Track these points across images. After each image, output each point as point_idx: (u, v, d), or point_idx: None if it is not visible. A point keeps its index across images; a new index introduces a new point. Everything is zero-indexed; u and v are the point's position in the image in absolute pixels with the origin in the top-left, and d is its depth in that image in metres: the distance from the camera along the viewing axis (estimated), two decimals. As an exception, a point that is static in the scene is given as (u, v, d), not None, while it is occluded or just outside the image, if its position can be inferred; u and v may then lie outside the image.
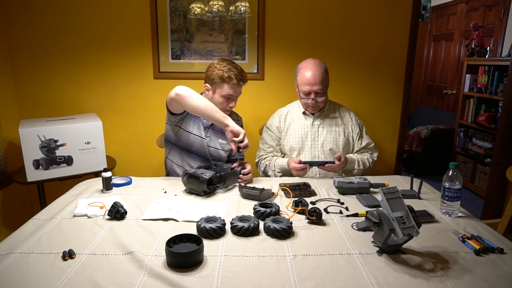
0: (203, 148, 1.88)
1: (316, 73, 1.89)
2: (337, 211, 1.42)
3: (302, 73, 1.93)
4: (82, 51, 2.50)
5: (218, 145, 1.94)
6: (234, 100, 1.88)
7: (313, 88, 1.90)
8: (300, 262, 1.06)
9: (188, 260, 1.03)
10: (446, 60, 4.90)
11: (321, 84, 1.90)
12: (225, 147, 1.95)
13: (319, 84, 1.90)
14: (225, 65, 1.83)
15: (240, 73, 1.84)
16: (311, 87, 1.90)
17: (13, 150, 2.44)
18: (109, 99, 2.59)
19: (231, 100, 1.87)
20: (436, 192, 1.64)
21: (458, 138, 4.07)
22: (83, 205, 1.43)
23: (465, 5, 4.48)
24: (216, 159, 1.94)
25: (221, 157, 1.95)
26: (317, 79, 1.89)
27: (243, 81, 1.85)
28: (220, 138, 1.94)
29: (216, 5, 2.48)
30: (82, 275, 0.99)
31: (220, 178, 1.64)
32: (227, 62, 1.85)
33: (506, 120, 2.51)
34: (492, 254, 1.11)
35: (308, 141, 2.00)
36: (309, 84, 1.90)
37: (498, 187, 2.56)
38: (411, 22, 2.50)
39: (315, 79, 1.89)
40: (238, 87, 1.85)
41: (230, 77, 1.80)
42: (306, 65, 1.94)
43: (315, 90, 1.91)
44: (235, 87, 1.84)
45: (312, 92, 1.92)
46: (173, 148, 1.91)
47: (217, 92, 1.85)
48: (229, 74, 1.81)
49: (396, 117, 2.66)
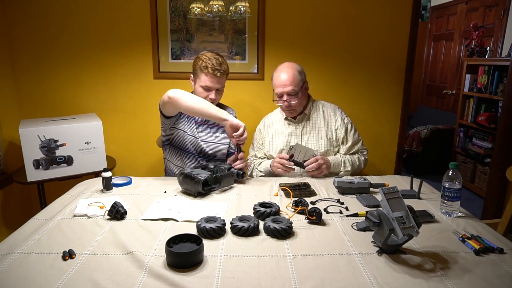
0: (198, 147, 1.89)
1: (288, 74, 1.88)
2: (337, 211, 1.42)
3: (275, 76, 1.93)
4: (82, 51, 2.50)
5: (216, 139, 1.94)
6: (213, 91, 1.85)
7: (284, 89, 1.88)
8: (300, 262, 1.06)
9: (188, 260, 1.03)
10: (446, 60, 4.90)
11: (292, 85, 1.87)
12: (223, 140, 1.96)
13: (290, 85, 1.87)
14: (206, 56, 1.84)
15: (219, 64, 1.82)
16: (283, 89, 1.88)
17: (13, 150, 2.44)
18: (109, 99, 2.59)
19: (210, 92, 1.85)
20: (436, 192, 1.64)
21: (458, 138, 4.07)
22: (83, 205, 1.43)
23: (465, 5, 4.48)
24: (216, 154, 1.93)
25: (220, 151, 1.95)
26: (288, 80, 1.87)
27: (219, 72, 1.81)
28: (217, 132, 1.95)
29: (216, 5, 2.48)
30: (82, 275, 0.99)
31: (216, 179, 1.63)
32: (210, 53, 1.86)
33: (506, 120, 2.51)
34: (492, 254, 1.11)
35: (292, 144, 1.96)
36: (280, 85, 1.89)
37: (498, 187, 2.56)
38: (411, 22, 2.50)
39: (286, 80, 1.87)
40: (214, 78, 1.82)
41: (206, 67, 1.80)
42: (279, 68, 1.93)
43: (287, 92, 1.88)
44: (211, 77, 1.82)
45: (284, 93, 1.89)
46: (169, 148, 1.92)
47: (197, 82, 1.87)
48: (206, 63, 1.80)
49: (396, 117, 2.66)
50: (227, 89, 2.58)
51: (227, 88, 2.58)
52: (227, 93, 2.57)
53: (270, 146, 2.04)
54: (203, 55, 1.86)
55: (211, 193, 1.62)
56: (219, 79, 1.85)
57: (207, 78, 1.82)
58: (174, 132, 1.88)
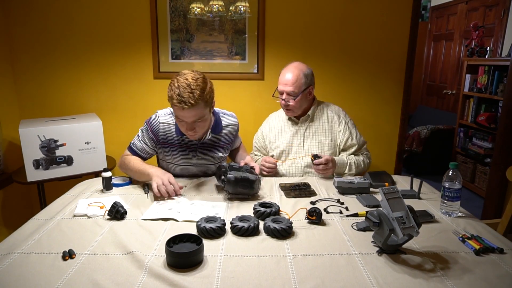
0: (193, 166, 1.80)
1: (292, 74, 1.87)
2: (337, 211, 1.42)
3: (282, 73, 1.93)
4: (82, 51, 2.50)
5: (212, 160, 1.80)
6: (190, 124, 1.58)
7: (285, 88, 1.88)
8: (300, 262, 1.06)
9: (188, 260, 1.03)
10: (446, 60, 4.90)
11: (293, 86, 1.86)
12: (217, 159, 1.82)
13: (291, 86, 1.86)
14: (173, 83, 1.54)
15: (188, 93, 1.49)
16: (284, 87, 1.89)
17: (13, 150, 2.44)
18: (109, 99, 2.59)
19: (186, 124, 1.58)
20: (436, 192, 1.64)
21: (458, 138, 4.07)
22: (83, 205, 1.43)
23: (465, 5, 4.48)
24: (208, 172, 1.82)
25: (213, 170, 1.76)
26: (291, 80, 1.87)
27: (185, 104, 1.48)
28: (215, 152, 1.80)
29: (216, 5, 2.48)
30: (82, 275, 0.99)
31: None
32: (183, 77, 1.54)
33: (506, 120, 2.51)
34: (492, 254, 1.11)
35: (294, 147, 1.97)
36: (282, 83, 1.90)
37: (498, 187, 2.56)
38: (411, 22, 2.50)
39: (289, 80, 1.87)
40: (182, 111, 1.52)
41: (171, 98, 1.52)
42: (288, 66, 1.93)
43: (287, 91, 1.88)
44: (179, 111, 1.54)
45: (284, 92, 1.89)
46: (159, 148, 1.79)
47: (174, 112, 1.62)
48: (171, 94, 1.52)
49: (396, 117, 2.66)
50: (227, 89, 2.60)
51: (227, 88, 2.60)
52: (227, 93, 2.59)
53: (273, 145, 2.03)
54: (175, 78, 1.55)
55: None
56: (191, 111, 1.52)
57: (177, 111, 1.56)
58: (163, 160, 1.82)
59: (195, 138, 1.70)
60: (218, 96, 2.50)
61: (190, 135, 1.65)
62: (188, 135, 1.66)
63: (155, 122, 1.73)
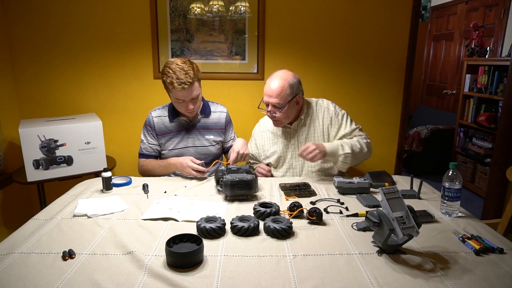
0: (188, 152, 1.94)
1: (277, 85, 1.76)
2: (337, 211, 1.42)
3: (266, 83, 1.82)
4: (82, 51, 2.50)
5: (206, 142, 1.95)
6: (189, 102, 1.79)
7: (269, 100, 1.78)
8: (300, 262, 1.06)
9: (188, 260, 1.03)
10: (446, 60, 4.90)
11: (278, 98, 1.75)
12: (213, 142, 1.97)
13: (276, 97, 1.75)
14: (170, 69, 1.74)
15: (184, 75, 1.71)
16: (268, 99, 1.79)
17: (13, 150, 2.44)
18: (109, 99, 2.59)
19: (186, 103, 1.79)
20: (436, 192, 1.64)
21: (458, 138, 4.07)
22: (83, 205, 1.43)
23: (465, 5, 4.48)
24: (206, 155, 1.96)
25: (210, 152, 1.97)
26: (275, 92, 1.75)
27: (185, 84, 1.71)
28: (206, 134, 1.95)
29: (216, 5, 2.48)
30: (82, 275, 0.99)
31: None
32: (174, 64, 1.75)
33: (506, 120, 2.51)
34: (492, 254, 1.11)
35: (289, 152, 1.93)
36: (267, 94, 1.80)
37: (498, 187, 2.56)
38: (411, 22, 2.50)
39: (273, 91, 1.76)
40: (183, 92, 1.73)
41: (171, 83, 1.72)
42: (273, 76, 1.82)
43: (272, 103, 1.78)
44: (180, 92, 1.73)
45: (269, 104, 1.80)
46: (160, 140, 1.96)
47: (171, 96, 1.82)
48: (171, 79, 1.72)
49: (396, 117, 2.66)
50: (227, 89, 2.60)
51: (227, 88, 2.60)
52: (227, 93, 2.59)
53: (268, 153, 1.98)
54: (166, 67, 1.76)
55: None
56: (190, 90, 1.74)
57: (177, 92, 1.74)
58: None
59: (193, 114, 1.90)
60: (218, 96, 2.51)
61: (189, 112, 1.84)
62: (188, 113, 1.85)
63: (150, 118, 1.95)
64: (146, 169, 1.93)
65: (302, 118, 1.91)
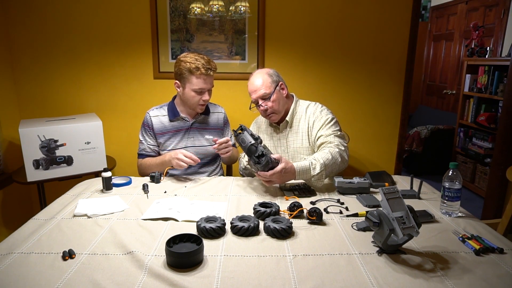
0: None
1: (256, 79, 1.83)
2: (337, 211, 1.42)
3: (248, 84, 1.87)
4: (82, 51, 2.50)
5: (205, 142, 1.96)
6: (206, 92, 1.84)
7: (256, 94, 1.82)
8: (300, 262, 1.06)
9: (188, 260, 1.03)
10: (446, 60, 4.90)
11: (263, 88, 1.80)
12: (212, 142, 1.91)
13: (261, 88, 1.80)
14: (191, 57, 1.79)
15: (208, 62, 1.79)
16: (255, 94, 1.83)
17: (13, 150, 2.44)
18: (109, 99, 2.59)
19: (203, 93, 1.83)
20: (436, 192, 1.64)
21: (458, 138, 4.07)
22: (83, 205, 1.43)
23: (465, 5, 4.48)
24: (205, 155, 1.96)
25: (209, 152, 1.96)
26: (258, 84, 1.81)
27: (211, 70, 1.80)
28: (205, 134, 1.96)
29: (216, 5, 2.48)
30: (82, 275, 0.99)
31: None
32: (192, 54, 1.82)
33: (506, 120, 2.51)
34: (492, 254, 1.11)
35: (279, 152, 1.93)
36: (252, 92, 1.84)
37: (498, 187, 2.56)
38: (411, 22, 2.50)
39: (255, 85, 1.82)
40: (207, 78, 1.80)
41: (197, 67, 1.76)
42: (251, 76, 1.88)
43: (260, 95, 1.81)
44: (204, 78, 1.79)
45: (257, 99, 1.83)
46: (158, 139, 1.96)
47: (187, 87, 1.82)
48: (196, 64, 1.76)
49: (396, 117, 2.66)
50: (227, 89, 2.60)
51: (227, 88, 2.60)
52: (227, 93, 2.59)
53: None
54: (186, 57, 1.80)
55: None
56: (211, 78, 1.83)
57: (200, 80, 1.78)
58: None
59: (203, 108, 1.91)
60: (218, 96, 2.50)
61: (202, 104, 1.86)
62: (202, 104, 1.86)
63: (148, 118, 1.95)
64: (144, 168, 1.94)
65: (287, 120, 1.89)
